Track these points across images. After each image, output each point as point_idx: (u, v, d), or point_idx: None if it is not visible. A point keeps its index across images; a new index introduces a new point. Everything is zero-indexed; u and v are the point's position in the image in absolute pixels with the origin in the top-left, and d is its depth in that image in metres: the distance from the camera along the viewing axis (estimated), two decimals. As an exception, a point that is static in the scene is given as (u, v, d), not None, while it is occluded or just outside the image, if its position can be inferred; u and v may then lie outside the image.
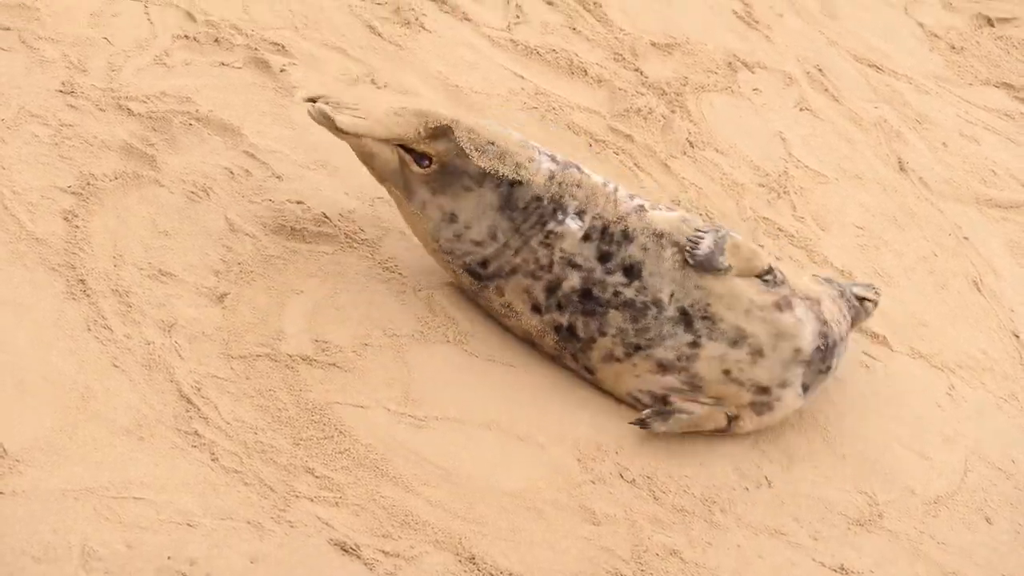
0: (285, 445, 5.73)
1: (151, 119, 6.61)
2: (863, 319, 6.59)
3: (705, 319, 6.06)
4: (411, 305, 6.33)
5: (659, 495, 6.05)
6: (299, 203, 6.53)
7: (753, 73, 8.11)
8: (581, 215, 6.10)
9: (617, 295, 6.06)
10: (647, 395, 6.17)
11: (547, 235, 6.09)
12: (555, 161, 6.20)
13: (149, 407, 5.67)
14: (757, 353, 6.07)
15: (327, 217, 6.50)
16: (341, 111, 6.17)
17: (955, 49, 8.81)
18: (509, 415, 6.10)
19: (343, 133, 6.16)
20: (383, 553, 5.53)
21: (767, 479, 6.24)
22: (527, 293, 6.15)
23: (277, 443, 5.72)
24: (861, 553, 6.11)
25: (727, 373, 6.09)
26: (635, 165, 7.35)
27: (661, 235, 6.10)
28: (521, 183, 6.11)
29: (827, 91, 8.19)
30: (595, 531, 5.86)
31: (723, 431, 6.20)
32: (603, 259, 6.08)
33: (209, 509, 5.45)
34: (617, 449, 6.14)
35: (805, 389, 6.19)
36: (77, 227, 6.12)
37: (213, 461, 5.59)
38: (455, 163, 6.12)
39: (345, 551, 5.50)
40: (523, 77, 7.57)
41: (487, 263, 6.16)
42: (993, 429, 6.74)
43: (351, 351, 6.09)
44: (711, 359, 6.07)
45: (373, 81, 7.21)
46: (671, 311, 6.06)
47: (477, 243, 6.14)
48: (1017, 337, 7.18)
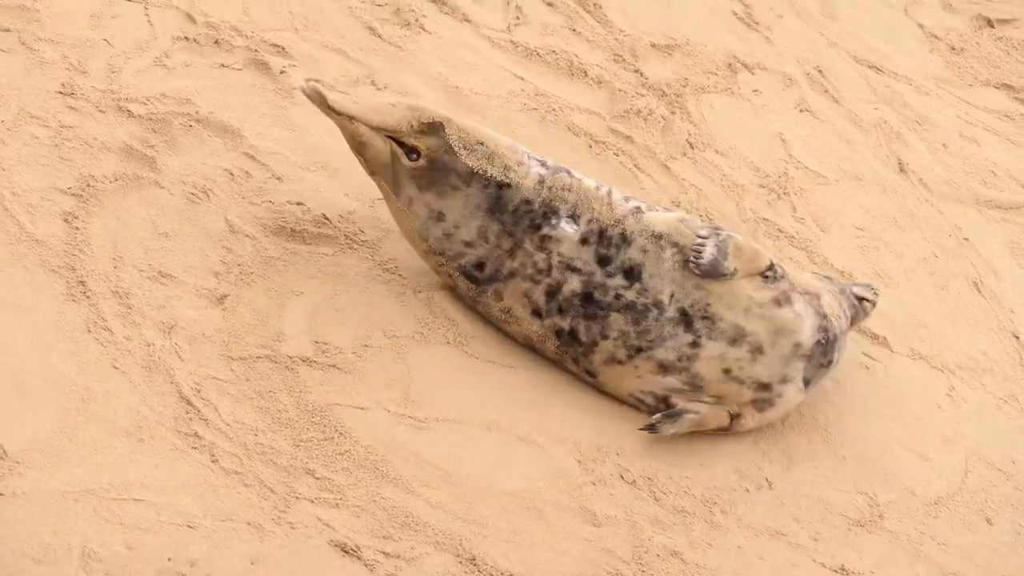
0: (285, 446, 5.73)
1: (151, 121, 6.61)
2: (862, 319, 6.59)
3: (705, 319, 6.06)
4: (411, 306, 6.33)
5: (660, 496, 6.05)
6: (299, 204, 6.53)
7: (753, 74, 8.11)
8: (575, 219, 6.10)
9: (618, 298, 6.06)
10: (649, 396, 6.17)
11: (542, 239, 6.09)
12: (545, 166, 6.20)
13: (149, 409, 5.67)
14: (757, 351, 6.07)
15: (327, 218, 6.50)
16: (335, 92, 6.17)
17: (955, 50, 8.81)
18: (509, 416, 6.10)
19: (335, 113, 6.14)
20: (384, 554, 5.53)
21: (767, 480, 6.24)
22: (527, 297, 6.14)
23: (277, 444, 5.72)
24: (861, 554, 6.11)
25: (727, 372, 6.09)
26: (635, 166, 7.35)
27: (660, 236, 6.10)
28: (510, 186, 6.11)
29: (827, 92, 8.19)
30: (596, 532, 5.86)
31: (725, 429, 6.20)
32: (603, 262, 6.08)
33: (209, 510, 5.45)
34: (618, 450, 6.14)
35: (806, 383, 6.19)
36: (77, 229, 6.11)
37: (213, 463, 5.58)
38: (443, 160, 6.12)
39: (346, 552, 5.50)
40: (523, 78, 7.57)
41: (482, 265, 6.15)
42: (993, 430, 6.74)
43: (351, 352, 6.09)
44: (711, 359, 6.07)
45: (373, 82, 7.22)
46: (671, 312, 6.06)
47: (468, 243, 6.13)
48: (1017, 338, 7.18)
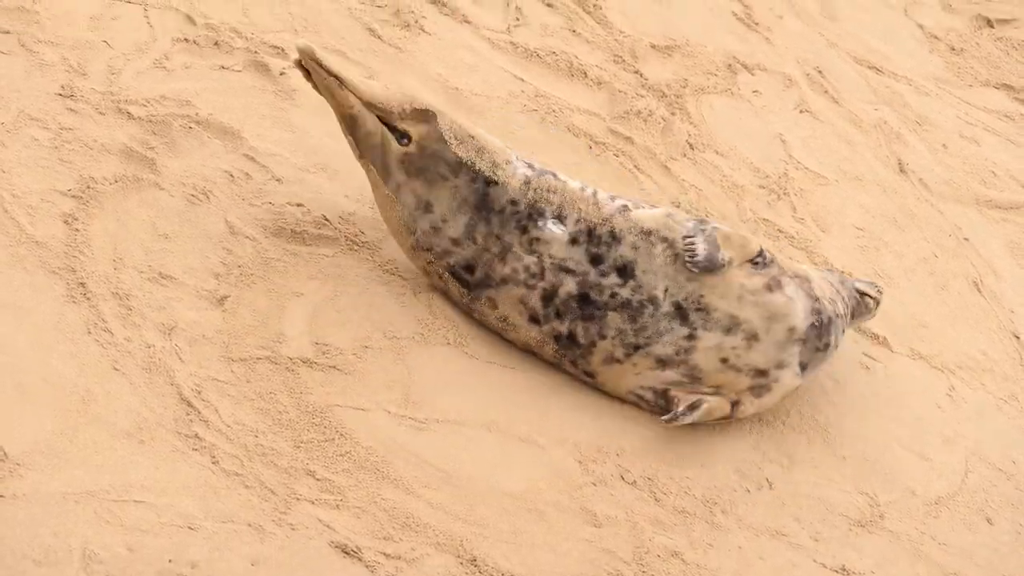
0: (286, 448, 5.72)
1: (151, 122, 6.61)
2: (864, 315, 6.57)
3: (699, 311, 6.07)
4: (411, 307, 6.33)
5: (660, 497, 6.05)
6: (299, 206, 6.53)
7: (753, 75, 8.12)
8: (562, 219, 6.10)
9: (614, 296, 6.07)
10: (649, 391, 6.17)
11: (531, 241, 6.09)
12: (531, 168, 6.22)
13: (150, 410, 5.67)
14: (752, 338, 6.09)
15: (327, 220, 6.50)
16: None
17: (955, 50, 8.82)
18: (509, 417, 6.10)
19: (326, 73, 6.11)
20: (384, 555, 5.53)
21: (768, 480, 6.24)
22: (523, 304, 6.14)
23: (278, 446, 5.72)
24: (862, 554, 6.11)
25: (725, 361, 6.10)
26: (635, 167, 7.35)
27: (649, 233, 6.11)
28: (497, 183, 6.12)
29: (827, 93, 8.19)
30: (596, 533, 5.86)
31: (727, 417, 6.20)
32: (595, 262, 6.08)
33: (210, 512, 5.45)
34: (618, 451, 6.14)
35: (803, 368, 6.20)
36: (77, 230, 6.11)
37: (214, 464, 5.58)
38: (433, 147, 6.13)
39: (346, 553, 5.50)
40: (523, 79, 7.57)
41: (472, 268, 6.15)
42: (993, 430, 6.74)
43: (351, 354, 6.09)
44: (708, 349, 6.08)
45: (373, 84, 7.21)
46: (666, 307, 6.07)
47: (455, 241, 6.13)
48: (1017, 338, 7.18)
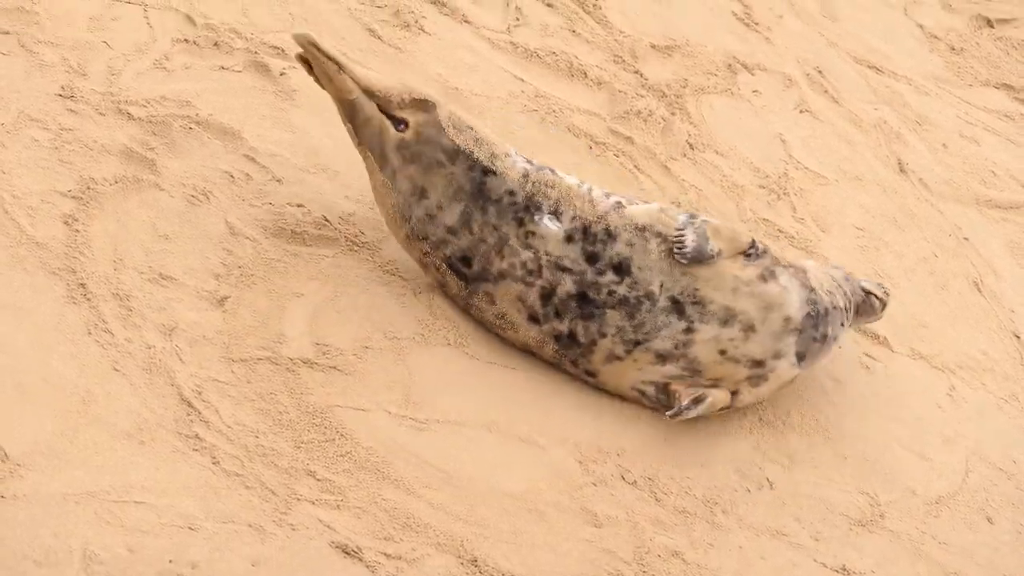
0: (286, 448, 5.73)
1: (151, 123, 6.61)
2: (870, 315, 6.54)
3: (695, 304, 6.08)
4: (412, 308, 6.33)
5: (661, 497, 6.05)
6: (299, 206, 6.53)
7: (753, 75, 8.12)
8: (558, 215, 6.11)
9: (612, 294, 6.08)
10: (650, 386, 6.18)
11: (527, 235, 6.10)
12: (530, 163, 6.23)
13: (150, 411, 5.67)
14: (749, 329, 6.10)
15: (327, 220, 6.50)
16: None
17: (955, 50, 8.82)
18: (510, 417, 6.10)
19: (324, 57, 6.13)
20: (385, 556, 5.53)
21: (768, 480, 6.24)
22: (521, 302, 6.14)
23: (278, 446, 5.72)
24: (863, 553, 6.11)
25: (723, 353, 6.10)
26: (635, 167, 7.35)
27: (643, 228, 6.12)
28: (495, 173, 6.13)
29: (827, 93, 8.19)
30: (597, 533, 5.86)
31: (727, 407, 6.20)
32: (591, 260, 6.09)
33: (210, 512, 5.45)
34: (618, 451, 6.14)
35: (800, 358, 6.20)
36: (77, 231, 6.12)
37: (214, 464, 5.58)
38: (430, 134, 6.15)
39: (347, 554, 5.50)
40: (523, 80, 7.57)
41: (469, 260, 6.15)
42: (994, 430, 6.74)
43: (352, 354, 6.09)
44: (706, 342, 6.09)
45: (373, 84, 7.21)
46: (663, 302, 6.08)
47: (451, 230, 6.13)
48: (1018, 338, 7.18)
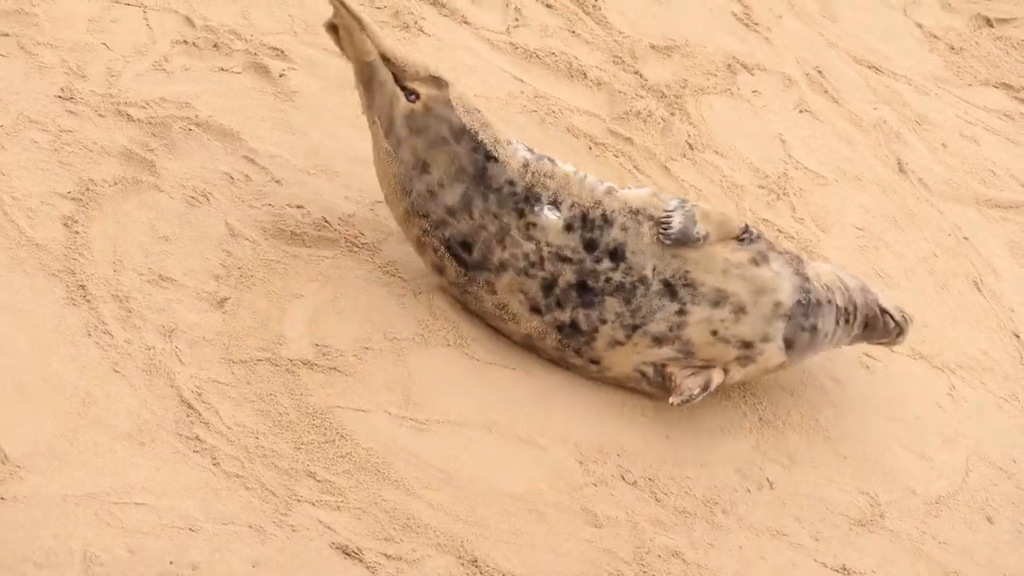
0: (286, 449, 5.73)
1: (150, 124, 6.61)
2: (881, 334, 6.48)
3: (687, 286, 6.10)
4: (412, 309, 6.33)
5: (661, 497, 6.05)
6: (299, 207, 6.53)
7: (752, 75, 8.12)
8: (557, 205, 6.13)
9: (609, 281, 6.10)
10: (650, 367, 6.20)
11: (528, 226, 6.11)
12: (531, 151, 6.26)
13: (150, 412, 5.67)
14: (740, 310, 6.12)
15: (327, 221, 6.50)
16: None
17: (954, 50, 8.82)
18: (510, 418, 6.10)
19: (348, 17, 6.21)
20: (385, 556, 5.53)
21: (768, 480, 6.24)
22: (523, 293, 6.15)
23: (278, 447, 5.72)
24: (863, 553, 6.11)
25: (715, 334, 6.12)
26: (635, 168, 7.35)
27: (637, 212, 6.16)
28: (497, 160, 6.15)
29: (826, 93, 8.20)
30: (597, 533, 5.86)
31: (721, 385, 6.22)
32: (589, 247, 6.11)
33: (211, 514, 5.45)
34: (619, 451, 6.14)
35: (789, 346, 6.21)
36: (77, 233, 6.12)
37: (214, 466, 5.58)
38: (440, 110, 6.19)
39: (347, 555, 5.50)
40: (522, 80, 7.57)
41: (470, 246, 6.16)
42: (994, 429, 6.74)
43: (352, 355, 6.09)
44: (698, 323, 6.11)
45: (372, 85, 7.20)
46: (656, 285, 6.10)
47: (451, 211, 6.14)
48: (1017, 337, 7.18)
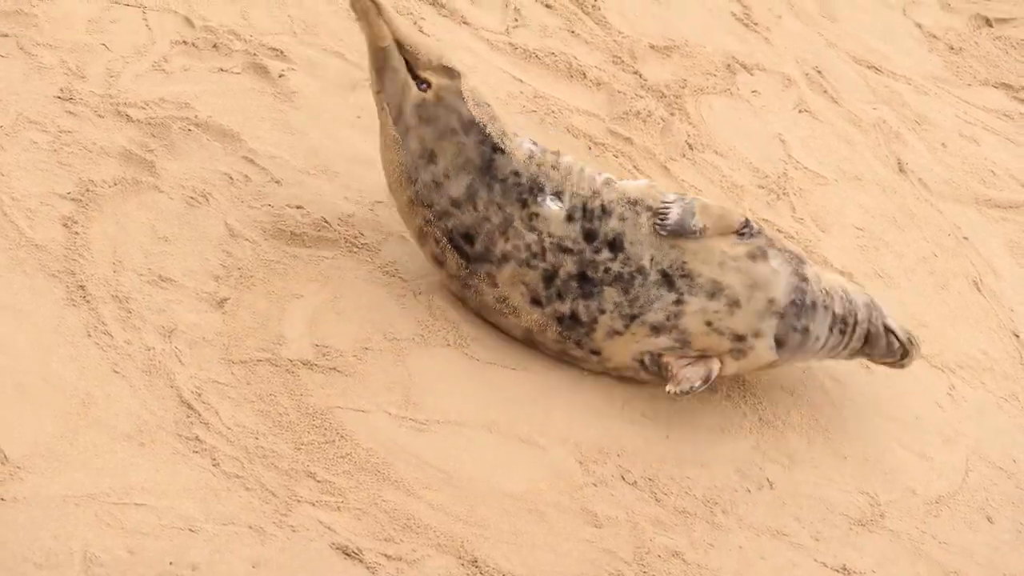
0: (286, 450, 5.72)
1: (150, 125, 6.61)
2: (883, 352, 6.43)
3: (684, 277, 6.12)
4: (411, 309, 6.33)
5: (661, 497, 6.05)
6: (299, 208, 6.53)
7: (752, 75, 8.12)
8: (559, 195, 6.15)
9: (608, 271, 6.12)
10: (647, 356, 6.20)
11: (531, 217, 6.12)
12: (535, 144, 6.28)
13: (150, 413, 5.67)
14: (734, 304, 6.13)
15: (327, 222, 6.50)
16: None
17: (954, 50, 8.82)
18: (510, 418, 6.10)
19: (367, 4, 6.21)
20: (385, 557, 5.53)
21: (768, 480, 6.24)
22: (524, 284, 6.16)
23: (278, 448, 5.72)
24: (863, 553, 6.11)
25: (709, 324, 6.14)
26: (634, 168, 7.35)
27: (635, 202, 6.18)
28: (504, 152, 6.16)
29: (826, 93, 8.20)
30: (597, 533, 5.86)
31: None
32: (589, 238, 6.13)
33: (211, 514, 5.45)
34: (619, 451, 6.14)
35: (779, 345, 6.21)
36: (76, 233, 6.11)
37: (214, 466, 5.58)
38: (450, 100, 6.20)
39: (347, 555, 5.50)
40: (522, 80, 7.57)
41: (472, 238, 6.16)
42: (994, 429, 6.74)
43: (352, 355, 6.09)
44: (694, 313, 6.13)
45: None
46: (654, 275, 6.12)
47: (455, 202, 6.15)
48: (1017, 337, 7.18)
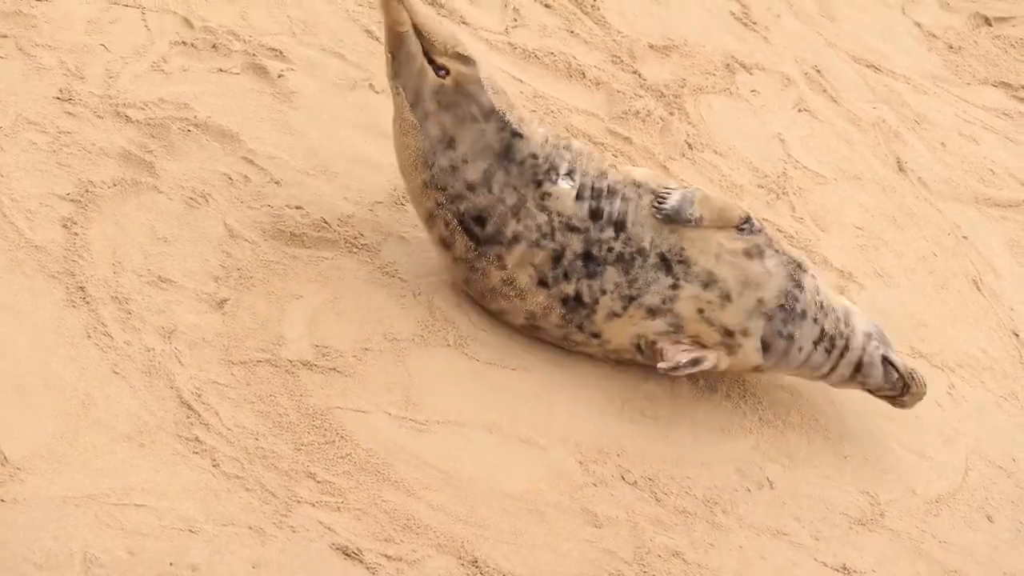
0: (286, 450, 5.73)
1: (149, 126, 6.61)
2: (879, 383, 6.37)
3: (681, 263, 6.14)
4: (411, 309, 6.33)
5: (661, 497, 6.05)
6: (298, 208, 6.53)
7: (751, 74, 8.12)
8: (571, 175, 6.18)
9: (610, 251, 6.14)
10: (642, 340, 6.21)
11: (543, 196, 6.14)
12: (546, 129, 6.32)
13: (150, 413, 5.67)
14: (725, 297, 6.16)
15: (326, 222, 6.50)
16: None
17: (953, 49, 8.82)
18: (510, 418, 6.10)
19: None
20: (385, 557, 5.53)
21: (768, 480, 6.24)
22: (532, 266, 6.16)
23: (278, 448, 5.72)
24: (863, 553, 6.11)
25: (701, 312, 6.16)
26: (634, 167, 7.35)
27: (639, 184, 6.22)
28: (522, 136, 6.18)
29: (825, 92, 8.20)
30: (597, 533, 5.86)
31: (713, 368, 6.24)
32: (594, 216, 6.15)
33: (211, 515, 5.45)
34: (619, 451, 6.14)
35: (765, 348, 6.22)
36: (76, 234, 6.11)
37: (214, 467, 5.58)
38: (470, 88, 6.19)
39: (347, 556, 5.50)
40: (521, 80, 7.57)
41: (484, 220, 6.16)
42: (993, 428, 6.74)
43: (351, 356, 6.09)
44: (689, 299, 6.15)
45: (371, 86, 7.21)
46: (653, 258, 6.14)
47: (470, 186, 6.15)
48: (1017, 336, 7.18)
